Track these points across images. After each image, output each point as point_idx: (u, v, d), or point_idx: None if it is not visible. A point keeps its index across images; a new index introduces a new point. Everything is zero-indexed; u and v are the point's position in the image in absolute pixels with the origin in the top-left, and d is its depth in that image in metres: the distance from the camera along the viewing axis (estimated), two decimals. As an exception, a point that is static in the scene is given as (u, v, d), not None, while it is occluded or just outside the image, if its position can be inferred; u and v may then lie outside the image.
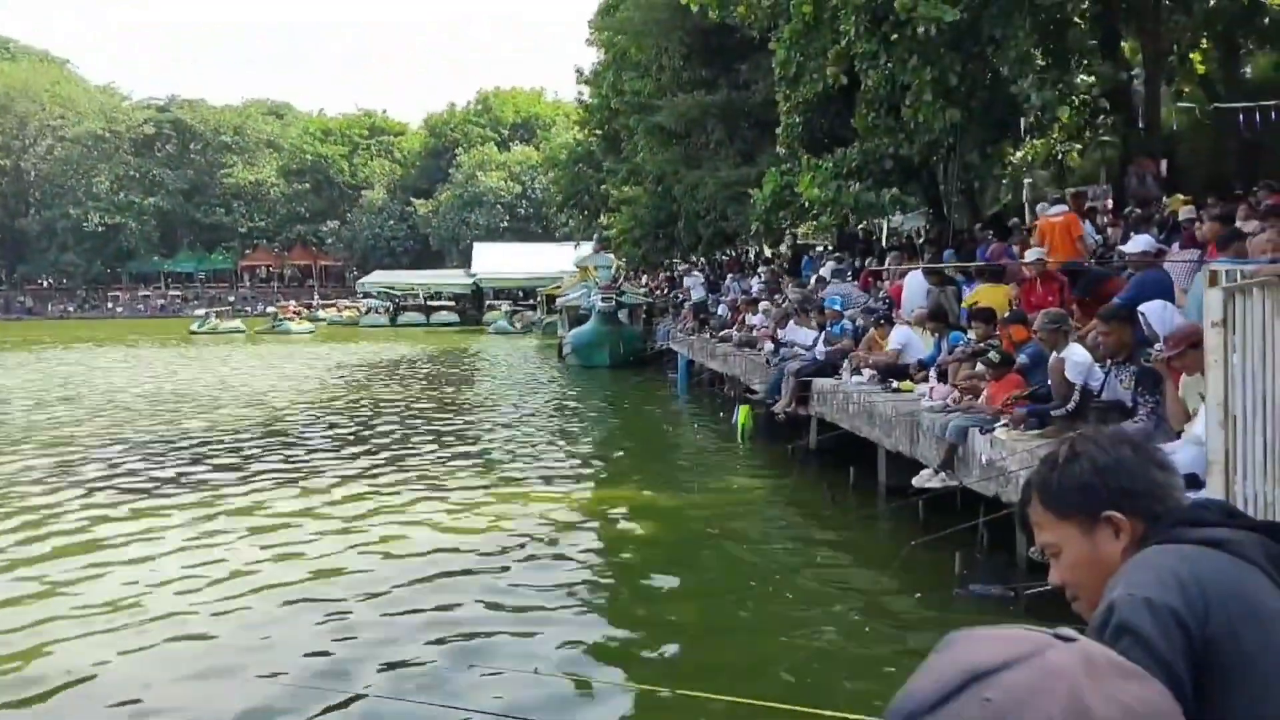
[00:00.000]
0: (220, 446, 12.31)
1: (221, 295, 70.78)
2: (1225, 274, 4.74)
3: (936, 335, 9.14)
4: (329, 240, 74.08)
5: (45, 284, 73.94)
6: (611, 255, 28.97)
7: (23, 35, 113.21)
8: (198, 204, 73.00)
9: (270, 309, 56.46)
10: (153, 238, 72.13)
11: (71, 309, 70.58)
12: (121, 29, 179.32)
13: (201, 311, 52.64)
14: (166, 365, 26.78)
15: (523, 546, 7.38)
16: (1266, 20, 12.46)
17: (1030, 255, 8.27)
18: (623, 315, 24.54)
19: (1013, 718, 0.67)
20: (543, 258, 52.11)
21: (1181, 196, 8.99)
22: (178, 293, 71.87)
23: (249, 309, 63.76)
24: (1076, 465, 1.35)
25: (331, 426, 14.16)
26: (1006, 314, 7.99)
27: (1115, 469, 1.33)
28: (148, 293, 72.41)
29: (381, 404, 17.08)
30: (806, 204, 12.96)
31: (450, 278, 59.44)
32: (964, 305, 9.25)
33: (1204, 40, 13.27)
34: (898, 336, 9.74)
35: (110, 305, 71.45)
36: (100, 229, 69.29)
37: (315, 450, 11.95)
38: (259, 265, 75.95)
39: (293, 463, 11.05)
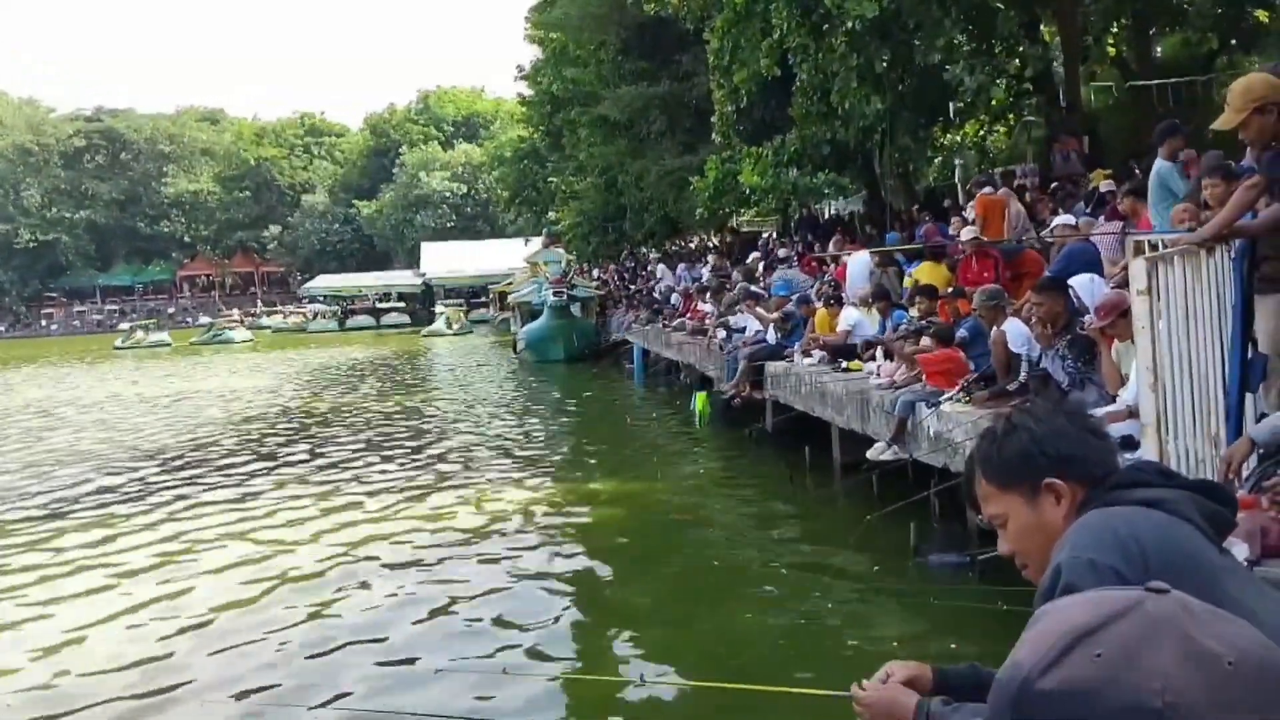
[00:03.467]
0: (160, 464, 12.07)
1: (161, 307, 68.89)
2: (1148, 243, 4.99)
3: (882, 314, 9.39)
4: (271, 246, 72.43)
5: (-27, 305, 71.14)
6: (561, 250, 28.94)
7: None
8: (133, 215, 70.86)
9: (205, 319, 55.08)
10: (87, 252, 69.83)
11: (2, 329, 68.01)
12: (39, 42, 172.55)
13: (126, 326, 50.84)
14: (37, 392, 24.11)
15: (486, 543, 7.42)
16: (1174, 2, 13.01)
17: (965, 234, 8.56)
18: (575, 309, 24.55)
19: (1128, 668, 0.67)
20: (493, 255, 51.82)
21: (1103, 171, 9.39)
22: (115, 307, 69.68)
23: (189, 320, 62.19)
24: (1015, 437, 1.41)
25: (296, 432, 13.96)
26: (950, 290, 8.25)
27: (1052, 437, 1.38)
28: (83, 308, 70.07)
29: (336, 409, 16.86)
30: (748, 191, 13.17)
31: (399, 279, 58.68)
32: (904, 284, 9.55)
33: (1117, 23, 13.81)
34: (847, 317, 9.97)
35: (44, 323, 69.01)
36: (32, 245, 66.90)
37: (283, 458, 11.78)
38: (199, 274, 74.03)
39: (258, 471, 10.89)
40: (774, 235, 19.62)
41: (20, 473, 11.86)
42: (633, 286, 25.83)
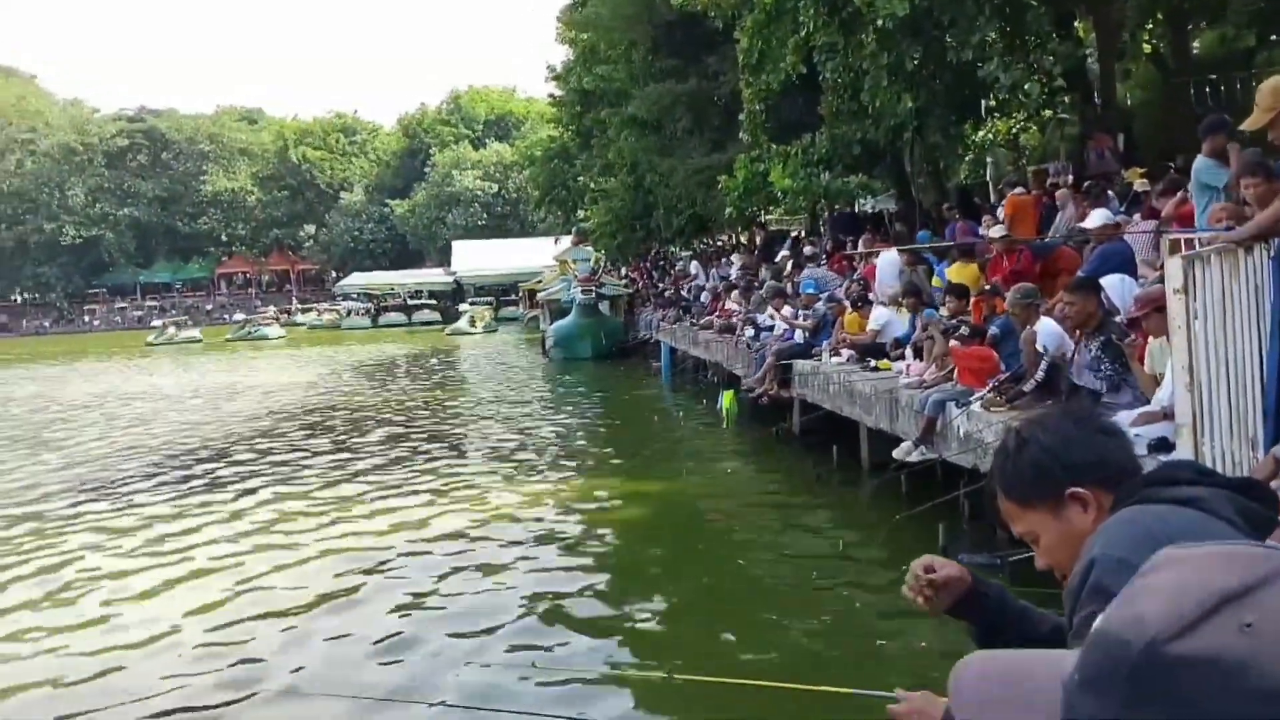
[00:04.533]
0: (206, 456, 12.30)
1: (199, 304, 70.25)
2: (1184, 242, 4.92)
3: (912, 313, 9.32)
4: (306, 244, 73.57)
5: (19, 300, 73.00)
6: (590, 248, 29.03)
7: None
8: (173, 213, 72.30)
9: (239, 316, 56.15)
10: (129, 249, 71.43)
11: (47, 324, 69.71)
12: (82, 43, 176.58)
13: (158, 322, 52.18)
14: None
15: (514, 539, 7.48)
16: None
17: (993, 232, 8.51)
18: (604, 307, 24.63)
19: None
20: (523, 253, 52.06)
21: (1138, 170, 9.25)
22: (155, 304, 71.11)
23: (226, 316, 63.33)
24: (1026, 452, 1.39)
25: (325, 427, 14.17)
26: (988, 287, 8.17)
27: (1063, 446, 1.36)
28: (124, 305, 71.61)
29: (367, 407, 17.08)
30: (780, 192, 13.14)
31: (430, 276, 59.27)
32: (933, 284, 9.49)
33: (1153, 18, 13.54)
34: (877, 317, 9.91)
35: (87, 319, 70.61)
36: (77, 242, 68.57)
37: (310, 453, 11.95)
38: (236, 272, 75.32)
39: (286, 467, 11.08)
40: (803, 233, 19.52)
41: (80, 466, 12.12)
42: (661, 284, 25.84)
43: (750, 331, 13.08)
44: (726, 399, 12.63)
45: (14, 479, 11.36)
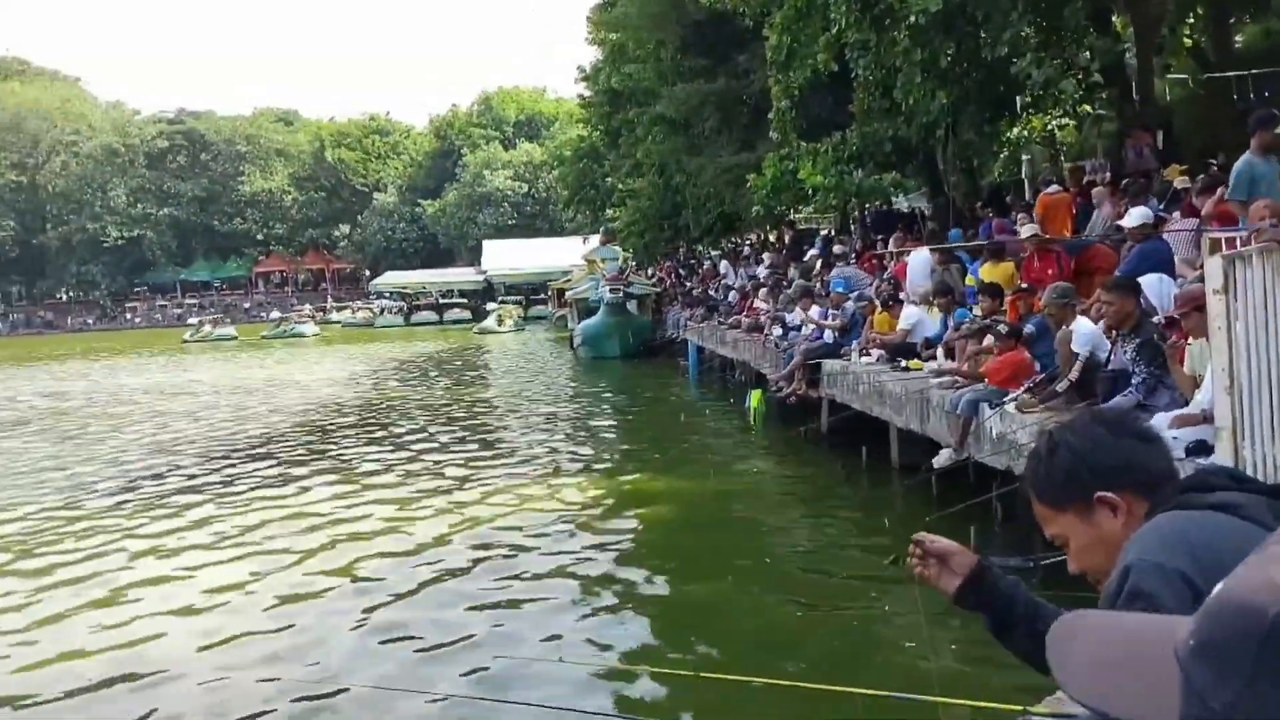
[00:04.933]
0: (242, 451, 12.49)
1: (237, 302, 71.68)
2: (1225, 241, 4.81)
3: (944, 313, 9.21)
4: (341, 244, 74.63)
5: (64, 298, 74.92)
6: (618, 248, 29.07)
7: (33, 56, 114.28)
8: (211, 213, 73.79)
9: (276, 314, 57.24)
10: (169, 248, 73.10)
11: (90, 322, 71.52)
12: (124, 45, 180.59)
13: (194, 320, 53.47)
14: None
15: (542, 536, 7.51)
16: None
17: (1025, 231, 8.38)
18: (631, 306, 24.66)
19: None
20: (552, 253, 52.35)
21: (1178, 167, 9.05)
22: (194, 302, 72.65)
23: (264, 314, 64.52)
24: (1058, 456, 1.39)
25: (355, 423, 14.34)
26: (1023, 286, 8.06)
27: (1094, 450, 1.36)
28: (164, 303, 73.24)
29: (404, 400, 17.25)
30: (810, 190, 13.07)
31: (461, 275, 59.84)
32: (969, 284, 9.36)
33: (1194, 12, 13.22)
34: (908, 316, 9.80)
35: (129, 317, 72.33)
36: (120, 241, 70.23)
37: (344, 451, 12.10)
38: (273, 271, 76.63)
39: (321, 458, 11.22)
40: (832, 232, 19.38)
41: (127, 461, 12.36)
42: (688, 283, 25.81)
43: (778, 330, 13.02)
44: (754, 399, 12.57)
45: (65, 473, 11.62)
